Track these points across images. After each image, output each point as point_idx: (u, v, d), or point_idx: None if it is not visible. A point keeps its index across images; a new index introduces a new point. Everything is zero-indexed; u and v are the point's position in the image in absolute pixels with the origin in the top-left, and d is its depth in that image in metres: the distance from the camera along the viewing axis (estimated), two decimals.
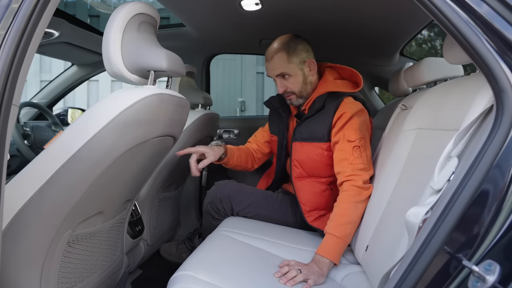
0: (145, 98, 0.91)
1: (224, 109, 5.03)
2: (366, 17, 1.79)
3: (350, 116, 1.42)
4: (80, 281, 1.07)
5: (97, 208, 1.04)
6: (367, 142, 1.43)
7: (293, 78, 1.51)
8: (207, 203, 1.64)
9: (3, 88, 0.74)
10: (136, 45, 0.98)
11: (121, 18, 0.95)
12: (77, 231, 1.00)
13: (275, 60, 1.51)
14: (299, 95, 1.55)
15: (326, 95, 1.50)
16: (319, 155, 1.49)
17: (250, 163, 1.79)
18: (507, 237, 0.59)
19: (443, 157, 0.76)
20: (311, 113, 1.50)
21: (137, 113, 0.90)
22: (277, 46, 1.52)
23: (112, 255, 1.24)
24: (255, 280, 1.05)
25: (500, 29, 0.66)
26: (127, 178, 1.09)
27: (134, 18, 0.99)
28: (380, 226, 1.12)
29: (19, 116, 2.14)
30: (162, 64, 0.98)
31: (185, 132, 1.82)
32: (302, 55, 1.52)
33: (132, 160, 1.01)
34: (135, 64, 0.98)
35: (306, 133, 1.51)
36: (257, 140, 1.82)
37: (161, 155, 1.23)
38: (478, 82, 0.86)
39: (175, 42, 2.34)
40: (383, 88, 2.75)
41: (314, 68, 1.55)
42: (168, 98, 1.01)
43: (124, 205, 1.22)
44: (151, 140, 1.02)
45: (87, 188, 0.91)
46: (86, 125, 0.88)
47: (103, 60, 0.97)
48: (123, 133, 0.90)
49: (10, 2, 0.78)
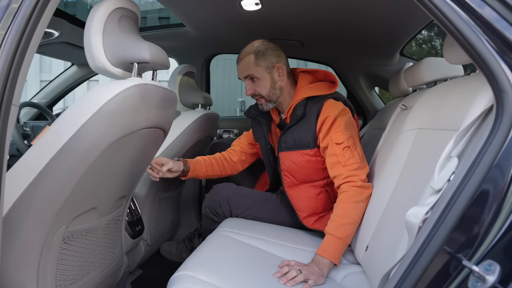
0: (128, 88, 0.93)
1: (224, 109, 5.03)
2: (366, 18, 1.79)
3: (334, 118, 1.42)
4: (79, 278, 1.07)
5: (90, 203, 1.04)
6: (356, 140, 1.43)
7: (261, 81, 1.52)
8: (206, 207, 1.64)
9: (3, 88, 0.74)
10: (118, 38, 0.99)
11: (101, 13, 0.96)
12: (71, 227, 1.00)
13: (243, 62, 1.53)
14: (267, 99, 1.55)
15: (305, 101, 1.50)
16: (307, 161, 1.50)
17: (229, 169, 1.78)
18: (507, 237, 0.59)
19: (443, 157, 0.76)
20: (294, 121, 1.50)
21: (121, 103, 0.92)
22: (246, 50, 1.54)
23: (112, 253, 1.24)
24: (255, 280, 1.05)
25: (500, 29, 0.66)
26: (119, 172, 1.10)
27: (114, 12, 0.99)
28: (380, 226, 1.12)
29: (19, 116, 2.14)
30: (145, 56, 0.99)
31: (185, 132, 1.82)
32: (271, 59, 1.52)
33: (121, 152, 1.02)
34: (118, 57, 0.99)
35: (291, 141, 1.51)
36: (241, 143, 1.82)
37: (152, 149, 1.23)
38: (478, 82, 0.86)
39: (175, 42, 2.34)
40: (383, 88, 2.75)
41: (283, 74, 1.55)
42: (152, 89, 1.02)
43: (119, 202, 1.22)
44: (138, 131, 1.02)
45: (77, 182, 0.91)
46: (72, 118, 0.89)
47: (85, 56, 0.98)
48: (109, 123, 0.91)
49: (10, 2, 0.78)
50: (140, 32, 2.35)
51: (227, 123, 2.70)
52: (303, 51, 2.39)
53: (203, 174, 1.70)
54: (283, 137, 1.54)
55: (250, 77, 1.53)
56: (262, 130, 1.69)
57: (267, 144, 1.69)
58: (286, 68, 1.56)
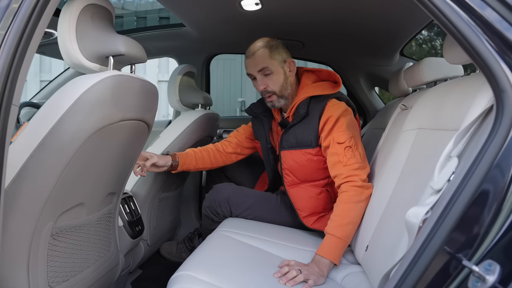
0: (103, 79, 0.93)
1: (224, 109, 5.03)
2: (366, 17, 1.79)
3: (337, 118, 1.42)
4: (72, 276, 1.07)
5: (75, 199, 1.04)
6: (358, 141, 1.43)
7: (275, 75, 1.50)
8: (206, 207, 1.64)
9: (3, 88, 0.75)
10: (91, 33, 0.99)
11: (73, 10, 0.96)
12: (59, 223, 1.00)
13: (257, 55, 1.50)
14: (279, 95, 1.53)
15: (308, 100, 1.49)
16: (309, 160, 1.49)
17: (221, 161, 1.78)
18: (507, 237, 0.59)
19: (443, 157, 0.76)
20: (296, 120, 1.49)
21: (96, 95, 0.92)
22: (260, 44, 1.53)
23: (106, 251, 1.24)
24: (255, 280, 1.05)
25: (500, 29, 0.66)
26: (103, 168, 1.09)
27: (86, 8, 0.99)
28: (380, 226, 1.12)
29: (19, 116, 2.14)
30: (119, 48, 1.00)
31: (185, 132, 1.82)
32: (283, 54, 1.52)
33: (102, 146, 1.02)
34: (93, 52, 0.99)
35: (293, 140, 1.51)
36: (239, 135, 1.82)
37: (137, 144, 1.23)
38: (478, 82, 0.86)
39: (175, 42, 2.34)
40: (383, 88, 2.75)
41: (294, 69, 1.55)
42: (128, 80, 1.02)
43: (108, 198, 1.22)
44: (118, 123, 1.02)
45: (59, 175, 0.92)
46: (49, 112, 0.90)
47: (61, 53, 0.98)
48: (86, 115, 0.91)
49: (10, 2, 0.78)
50: (140, 32, 2.36)
51: (227, 123, 2.70)
52: (303, 51, 2.38)
53: (194, 167, 1.70)
54: (285, 136, 1.53)
55: (264, 71, 1.51)
56: (263, 129, 1.68)
57: (268, 143, 1.68)
58: (295, 64, 1.56)
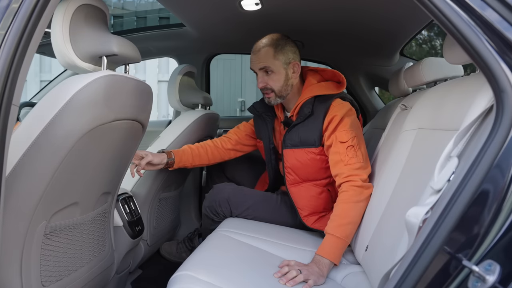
0: (97, 79, 0.94)
1: (224, 109, 5.03)
2: (366, 17, 1.79)
3: (341, 117, 1.43)
4: (66, 275, 1.07)
5: (69, 198, 1.04)
6: (360, 140, 1.43)
7: (276, 75, 1.51)
8: (206, 207, 1.64)
9: (3, 88, 0.75)
10: (85, 33, 0.99)
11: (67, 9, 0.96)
12: (53, 223, 1.00)
13: (261, 53, 1.51)
14: (278, 94, 1.53)
15: (313, 100, 1.50)
16: (311, 159, 1.50)
17: (219, 157, 1.77)
18: (507, 237, 0.59)
19: (443, 157, 0.76)
20: (301, 119, 1.49)
21: (89, 94, 0.92)
22: (266, 41, 1.52)
23: (101, 250, 1.24)
24: (255, 280, 1.05)
25: (500, 29, 0.66)
26: (97, 167, 1.09)
27: (80, 8, 0.99)
28: (380, 226, 1.12)
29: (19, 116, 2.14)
30: (112, 48, 1.00)
31: (185, 132, 1.82)
32: (289, 55, 1.52)
33: (96, 145, 1.02)
34: (86, 52, 1.00)
35: (296, 139, 1.51)
36: (239, 132, 1.81)
37: (132, 144, 1.23)
38: (478, 82, 0.86)
39: (175, 42, 2.34)
40: (383, 88, 2.75)
41: (298, 71, 1.55)
42: (122, 80, 1.02)
43: (103, 198, 1.22)
44: (111, 123, 1.02)
45: (52, 175, 0.92)
46: (42, 112, 0.90)
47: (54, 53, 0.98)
48: (79, 114, 0.91)
49: (10, 2, 0.78)
50: (140, 32, 2.36)
51: (227, 123, 2.70)
52: (303, 51, 2.37)
53: (190, 164, 1.70)
54: (288, 134, 1.53)
55: (265, 69, 1.51)
56: (267, 128, 1.67)
57: (271, 143, 1.68)
58: (299, 67, 1.56)
